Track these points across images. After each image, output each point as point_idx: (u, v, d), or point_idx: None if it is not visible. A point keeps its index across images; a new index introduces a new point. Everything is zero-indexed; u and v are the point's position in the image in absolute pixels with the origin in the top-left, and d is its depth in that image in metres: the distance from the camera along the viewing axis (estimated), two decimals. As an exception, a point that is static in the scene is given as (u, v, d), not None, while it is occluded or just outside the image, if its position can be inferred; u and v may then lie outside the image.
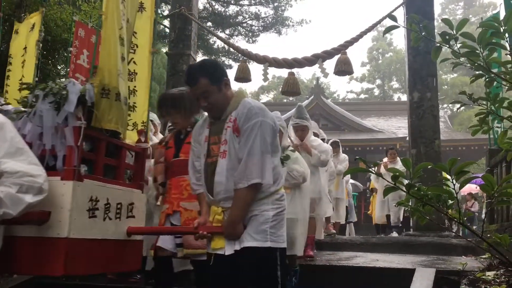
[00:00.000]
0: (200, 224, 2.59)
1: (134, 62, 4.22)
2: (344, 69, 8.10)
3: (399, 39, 51.27)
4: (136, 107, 4.20)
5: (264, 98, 45.81)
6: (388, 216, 9.36)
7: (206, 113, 2.79)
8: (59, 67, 10.20)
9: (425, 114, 7.81)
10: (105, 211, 2.98)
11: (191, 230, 2.64)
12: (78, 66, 7.55)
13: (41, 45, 6.64)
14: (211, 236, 2.53)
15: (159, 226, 3.62)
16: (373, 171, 1.70)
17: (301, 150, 5.29)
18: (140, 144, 3.68)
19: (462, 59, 2.23)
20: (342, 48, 8.13)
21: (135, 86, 4.22)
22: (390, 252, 6.06)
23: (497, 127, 6.04)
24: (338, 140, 8.35)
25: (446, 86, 35.69)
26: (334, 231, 6.26)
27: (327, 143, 7.00)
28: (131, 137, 3.82)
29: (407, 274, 4.26)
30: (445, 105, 33.16)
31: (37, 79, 6.66)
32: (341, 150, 8.29)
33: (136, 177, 3.53)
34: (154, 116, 6.35)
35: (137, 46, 4.28)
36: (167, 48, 10.25)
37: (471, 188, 14.60)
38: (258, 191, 2.41)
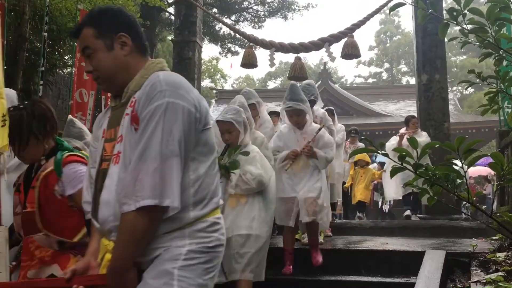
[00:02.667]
0: (75, 272, 1.68)
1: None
2: (351, 52, 8.04)
3: (407, 22, 50.72)
4: None
5: (272, 84, 45.75)
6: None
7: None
8: (66, 57, 10.24)
9: (434, 96, 7.73)
10: None
11: (61, 284, 1.73)
12: (84, 55, 7.56)
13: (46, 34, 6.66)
14: None
15: (15, 281, 2.50)
16: (380, 152, 1.68)
17: (306, 155, 4.47)
18: None
19: (470, 37, 2.18)
20: (349, 32, 8.06)
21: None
22: (399, 235, 6.05)
23: (508, 107, 5.97)
24: (332, 108, 7.11)
25: (455, 69, 35.29)
26: (330, 234, 5.57)
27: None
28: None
29: (417, 257, 4.24)
30: (454, 88, 32.82)
31: (43, 68, 6.70)
32: (336, 119, 6.84)
33: None
34: None
35: None
36: (172, 36, 10.23)
37: (487, 171, 14.46)
38: (160, 217, 1.49)
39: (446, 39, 2.50)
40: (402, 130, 7.68)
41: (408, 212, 7.70)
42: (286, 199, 4.49)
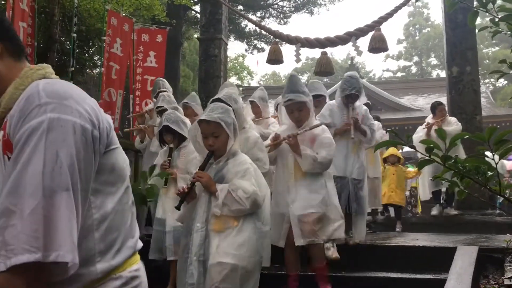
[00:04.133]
0: None
1: None
2: (378, 46, 7.89)
3: (436, 14, 49.79)
4: None
5: (298, 80, 45.56)
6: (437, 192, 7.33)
7: None
8: (95, 58, 10.45)
9: (465, 89, 7.56)
10: None
11: None
12: (112, 54, 7.70)
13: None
14: None
15: None
16: (406, 144, 1.64)
17: (288, 144, 3.84)
18: None
19: (501, 25, 2.11)
20: (376, 25, 7.92)
21: None
22: (430, 231, 5.94)
23: (542, 98, 5.77)
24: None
25: (487, 61, 34.37)
26: (338, 256, 4.39)
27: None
28: None
29: (448, 253, 4.16)
30: (487, 80, 31.99)
31: (73, 69, 6.84)
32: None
33: None
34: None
35: None
36: (198, 34, 10.30)
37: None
38: (47, 279, 1.04)
39: (476, 30, 2.42)
40: (429, 119, 7.12)
41: (434, 212, 7.12)
42: (276, 215, 3.84)
